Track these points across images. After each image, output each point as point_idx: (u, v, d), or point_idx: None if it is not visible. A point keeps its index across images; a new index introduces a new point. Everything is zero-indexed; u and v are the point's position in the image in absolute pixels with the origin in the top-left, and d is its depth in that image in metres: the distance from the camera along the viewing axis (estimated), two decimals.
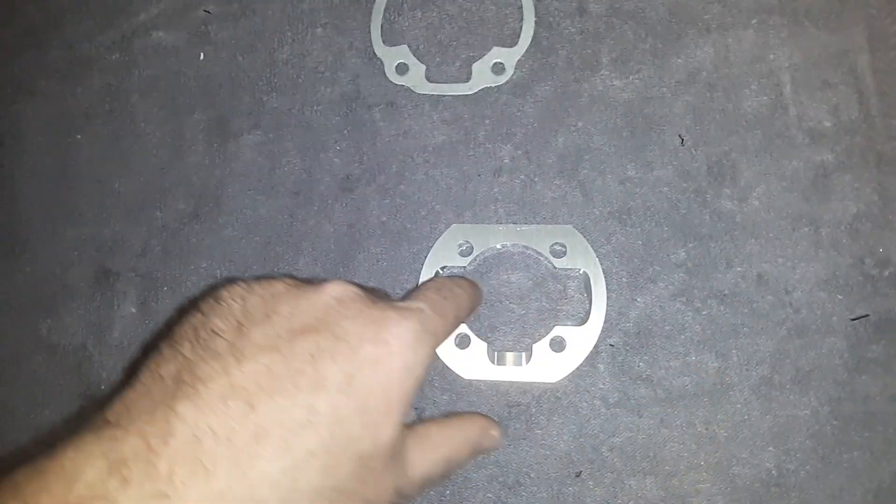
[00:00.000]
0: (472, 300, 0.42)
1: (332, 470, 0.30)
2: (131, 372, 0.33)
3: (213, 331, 0.31)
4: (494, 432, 0.42)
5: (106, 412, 0.29)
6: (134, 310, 0.50)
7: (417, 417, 0.46)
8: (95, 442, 0.26)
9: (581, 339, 0.45)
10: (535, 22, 0.50)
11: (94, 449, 0.26)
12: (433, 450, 0.37)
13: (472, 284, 0.44)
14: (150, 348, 0.34)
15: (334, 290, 0.34)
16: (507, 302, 0.47)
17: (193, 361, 0.30)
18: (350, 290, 0.34)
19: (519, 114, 0.49)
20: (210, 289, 0.36)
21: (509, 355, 0.46)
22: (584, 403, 0.45)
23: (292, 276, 0.39)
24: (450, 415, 0.43)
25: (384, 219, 0.49)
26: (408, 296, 0.39)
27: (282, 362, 0.30)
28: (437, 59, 0.51)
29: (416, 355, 0.33)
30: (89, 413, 0.30)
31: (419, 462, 0.36)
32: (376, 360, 0.32)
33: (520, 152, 0.49)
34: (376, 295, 0.37)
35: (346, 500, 0.31)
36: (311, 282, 0.36)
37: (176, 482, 0.26)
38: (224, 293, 0.34)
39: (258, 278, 0.36)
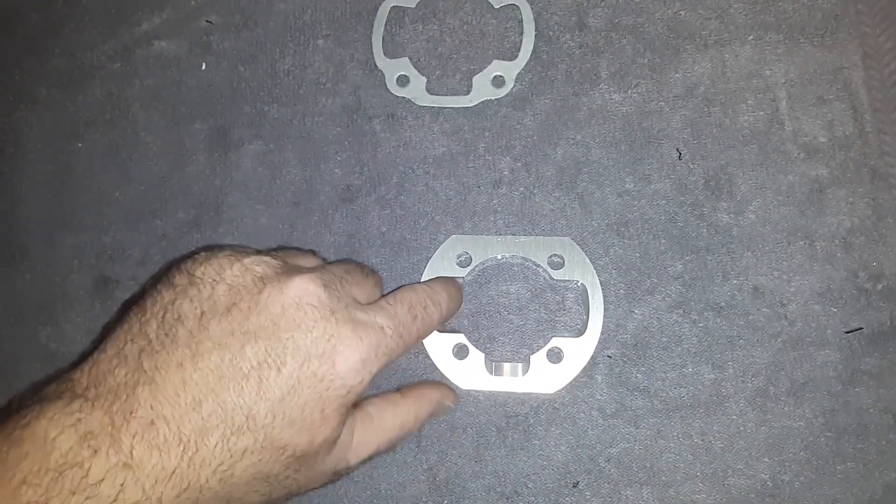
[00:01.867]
0: (446, 313, 0.42)
1: (266, 464, 0.33)
2: (106, 332, 0.35)
3: (178, 316, 0.34)
4: (449, 403, 0.44)
5: (73, 379, 0.33)
6: None
7: None
8: (65, 413, 0.31)
9: (578, 351, 0.45)
10: (535, 36, 0.51)
11: (64, 420, 0.30)
12: (382, 433, 0.39)
13: (452, 297, 0.43)
14: (129, 304, 0.37)
15: (297, 290, 0.35)
16: (505, 313, 0.47)
17: (156, 347, 0.33)
18: (313, 293, 0.35)
19: (518, 126, 0.50)
20: (193, 253, 0.37)
21: (507, 366, 0.46)
22: (582, 414, 0.45)
23: (281, 249, 0.40)
24: (406, 390, 0.43)
25: (384, 229, 0.49)
26: (387, 296, 0.39)
27: (231, 364, 0.33)
28: (438, 72, 0.52)
29: (360, 377, 0.35)
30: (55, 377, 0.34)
31: (363, 447, 0.38)
32: (321, 378, 0.34)
33: (519, 164, 0.49)
34: (346, 288, 0.37)
35: (279, 483, 0.35)
36: (288, 267, 0.37)
37: (135, 457, 0.30)
38: (199, 271, 0.36)
39: (237, 250, 0.37)
